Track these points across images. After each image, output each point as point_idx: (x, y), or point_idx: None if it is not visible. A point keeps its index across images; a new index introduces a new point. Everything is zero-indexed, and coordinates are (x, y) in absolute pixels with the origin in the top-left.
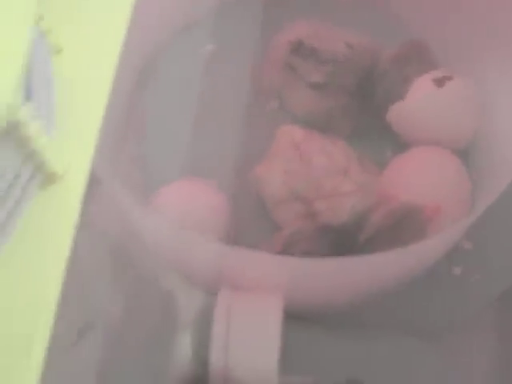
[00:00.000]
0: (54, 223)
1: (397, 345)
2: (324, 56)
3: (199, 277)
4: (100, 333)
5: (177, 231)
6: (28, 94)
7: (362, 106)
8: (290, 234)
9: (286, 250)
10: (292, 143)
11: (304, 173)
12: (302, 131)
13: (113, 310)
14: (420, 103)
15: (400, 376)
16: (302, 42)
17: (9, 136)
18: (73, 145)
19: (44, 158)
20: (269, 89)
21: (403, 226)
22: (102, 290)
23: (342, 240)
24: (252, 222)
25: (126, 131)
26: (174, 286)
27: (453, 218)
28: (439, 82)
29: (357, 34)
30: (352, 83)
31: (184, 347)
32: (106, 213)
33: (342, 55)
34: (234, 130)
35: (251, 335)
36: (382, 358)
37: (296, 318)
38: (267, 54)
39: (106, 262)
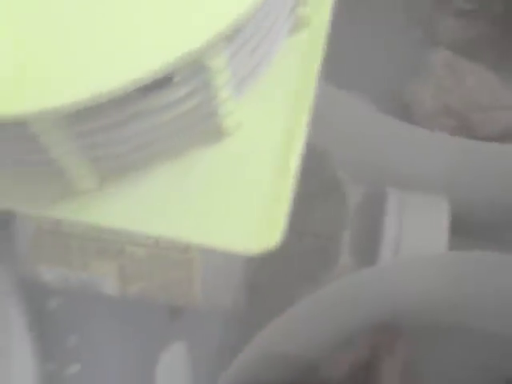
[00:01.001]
0: (298, 69)
1: None
2: None
3: (368, 168)
4: None
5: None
6: None
7: (508, 33)
8: None
9: None
10: (444, 64)
11: (457, 88)
12: (453, 54)
13: None
14: None
15: None
16: None
17: None
18: None
19: None
20: (416, 15)
21: None
22: None
23: None
24: None
25: None
26: (340, 178)
27: None
28: None
29: None
30: (500, 10)
31: (343, 243)
32: None
33: None
34: (383, 54)
35: (421, 231)
36: None
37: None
38: None
39: None
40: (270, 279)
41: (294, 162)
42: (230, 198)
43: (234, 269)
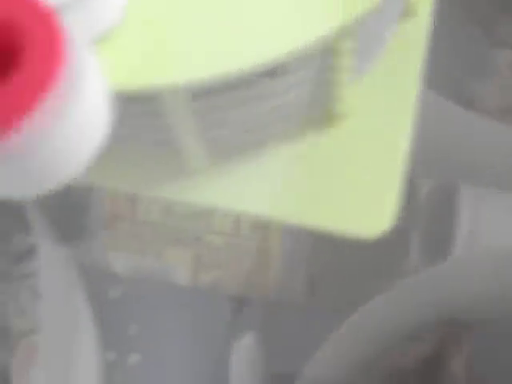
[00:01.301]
0: (405, 58)
1: None
2: None
3: (439, 162)
4: None
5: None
6: None
7: None
8: None
9: None
10: (507, 63)
11: None
12: None
13: None
14: None
15: None
16: None
17: None
18: None
19: None
20: (475, 14)
21: None
22: None
23: None
24: None
25: None
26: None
27: None
28: None
29: None
30: None
31: (412, 238)
32: None
33: None
34: (443, 52)
35: (494, 227)
36: None
37: None
38: None
39: None
40: (337, 272)
41: (405, 149)
42: (342, 183)
43: (305, 259)
